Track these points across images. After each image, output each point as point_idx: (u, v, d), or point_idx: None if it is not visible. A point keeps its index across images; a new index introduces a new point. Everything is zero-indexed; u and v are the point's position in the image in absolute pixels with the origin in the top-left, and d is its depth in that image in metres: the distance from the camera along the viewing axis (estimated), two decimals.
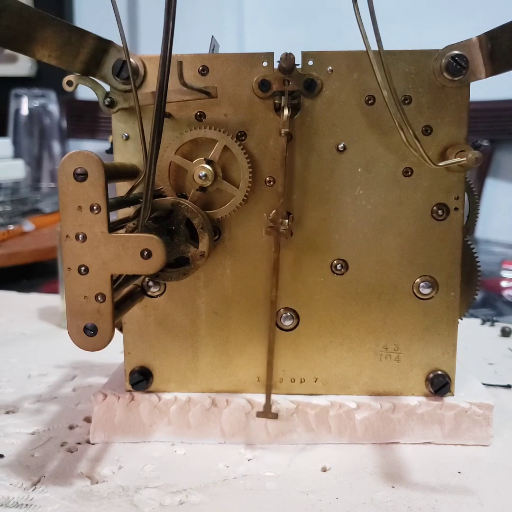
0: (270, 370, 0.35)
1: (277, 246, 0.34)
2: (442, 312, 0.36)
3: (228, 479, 0.33)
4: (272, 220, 0.33)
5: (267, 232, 0.34)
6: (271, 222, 0.33)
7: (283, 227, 0.33)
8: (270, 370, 0.35)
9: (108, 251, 0.29)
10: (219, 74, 0.34)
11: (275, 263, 0.34)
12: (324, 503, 0.31)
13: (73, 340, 0.30)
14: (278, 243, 0.34)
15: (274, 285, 0.34)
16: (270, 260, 0.36)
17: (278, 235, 0.33)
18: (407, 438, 0.36)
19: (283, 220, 0.33)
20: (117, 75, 0.34)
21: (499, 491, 0.32)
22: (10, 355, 0.53)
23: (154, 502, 0.31)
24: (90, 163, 0.28)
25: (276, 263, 0.34)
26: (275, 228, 0.33)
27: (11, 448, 0.36)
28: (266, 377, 0.35)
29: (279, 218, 0.33)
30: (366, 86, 0.34)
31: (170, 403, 0.37)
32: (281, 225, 0.33)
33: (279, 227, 0.33)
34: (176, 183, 0.35)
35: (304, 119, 0.35)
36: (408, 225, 0.35)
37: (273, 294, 0.34)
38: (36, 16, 0.30)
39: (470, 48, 0.33)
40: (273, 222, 0.33)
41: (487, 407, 0.36)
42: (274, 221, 0.33)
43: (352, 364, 0.37)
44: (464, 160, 0.31)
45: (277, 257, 0.34)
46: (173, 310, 0.37)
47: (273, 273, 0.34)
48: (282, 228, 0.33)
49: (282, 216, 0.33)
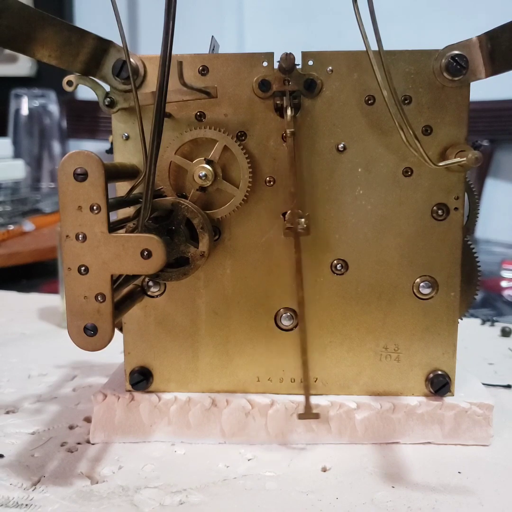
0: (306, 370, 0.34)
1: (297, 246, 0.33)
2: (442, 312, 0.36)
3: (228, 479, 0.33)
4: (288, 221, 0.33)
5: (285, 233, 0.33)
6: (288, 223, 0.33)
7: (300, 226, 0.33)
8: (307, 370, 0.34)
9: (108, 251, 0.29)
10: (219, 74, 0.34)
11: (298, 264, 0.33)
12: (324, 503, 0.31)
13: (73, 340, 0.30)
14: (298, 243, 0.33)
15: (300, 286, 0.33)
16: (270, 260, 0.36)
17: (297, 235, 0.33)
18: (407, 438, 0.36)
19: (299, 219, 0.33)
20: (117, 75, 0.34)
21: (499, 491, 0.32)
22: (10, 355, 0.53)
23: (154, 502, 0.31)
24: (90, 163, 0.28)
25: (299, 264, 0.33)
26: (293, 228, 0.33)
27: (11, 448, 0.36)
28: (303, 377, 0.34)
29: (295, 218, 0.33)
30: (366, 86, 0.34)
31: (170, 403, 0.37)
32: (298, 225, 0.33)
33: (297, 227, 0.33)
34: (176, 183, 0.35)
35: (304, 119, 0.35)
36: (408, 225, 0.35)
37: (300, 295, 0.34)
38: (36, 16, 0.30)
39: (470, 48, 0.33)
40: (290, 223, 0.33)
41: (487, 407, 0.36)
42: (291, 222, 0.33)
43: (352, 364, 0.37)
44: (464, 160, 0.31)
45: (298, 257, 0.33)
46: (173, 310, 0.37)
47: (296, 274, 0.33)
48: (300, 227, 0.33)
49: (298, 215, 0.33)
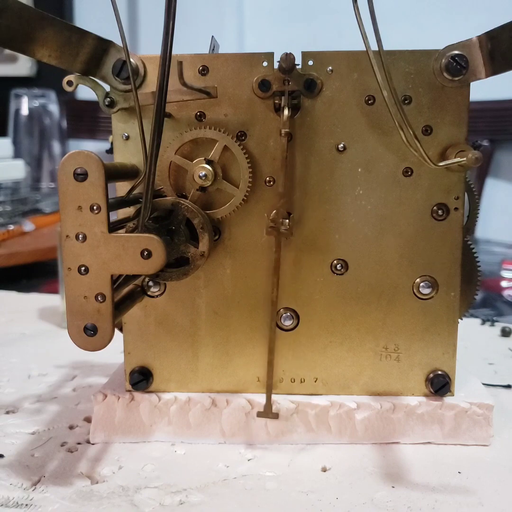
0: (271, 369, 0.35)
1: (278, 246, 0.34)
2: (442, 312, 0.36)
3: (228, 479, 0.33)
4: (272, 220, 0.33)
5: (267, 232, 0.34)
6: (272, 222, 0.33)
7: (283, 227, 0.33)
8: (271, 370, 0.35)
9: (108, 251, 0.29)
10: (219, 74, 0.34)
11: (276, 263, 0.34)
12: (324, 503, 0.31)
13: (73, 340, 0.30)
14: (279, 243, 0.34)
15: (275, 285, 0.34)
16: (270, 260, 0.36)
17: (279, 235, 0.33)
18: (407, 438, 0.36)
19: (284, 220, 0.33)
20: (117, 75, 0.34)
21: (499, 491, 0.32)
22: (10, 355, 0.53)
23: (154, 502, 0.31)
24: (90, 163, 0.28)
25: (277, 263, 0.34)
26: (276, 228, 0.33)
27: (11, 448, 0.36)
28: (267, 376, 0.35)
29: (279, 218, 0.33)
30: (366, 86, 0.34)
31: (170, 403, 0.37)
32: (281, 225, 0.33)
33: (280, 227, 0.33)
34: (176, 183, 0.35)
35: (304, 119, 0.35)
36: (408, 225, 0.35)
37: (274, 294, 0.34)
38: (36, 16, 0.30)
39: (470, 48, 0.33)
40: (273, 222, 0.33)
41: (487, 407, 0.36)
42: (274, 221, 0.33)
43: (352, 364, 0.37)
44: (464, 160, 0.31)
45: (278, 257, 0.34)
46: (173, 310, 0.37)
47: (274, 273, 0.34)
48: (283, 228, 0.33)
49: (282, 216, 0.33)
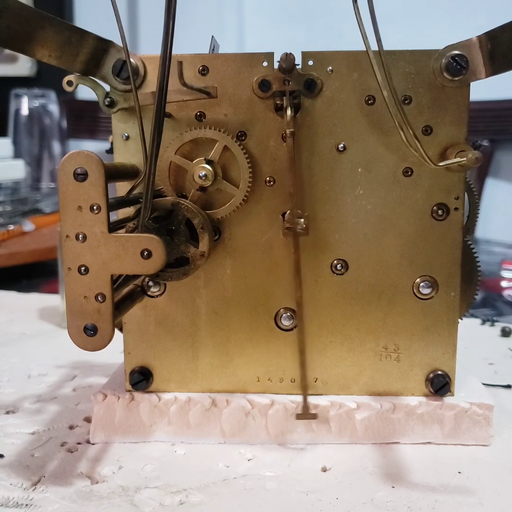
0: (304, 370, 0.34)
1: (296, 247, 0.33)
2: (442, 312, 0.36)
3: (228, 479, 0.33)
4: (287, 221, 0.33)
5: (284, 234, 0.33)
6: (287, 223, 0.33)
7: (299, 226, 0.33)
8: (304, 371, 0.34)
9: (108, 251, 0.29)
10: (219, 74, 0.34)
11: (296, 264, 0.33)
12: (324, 503, 0.31)
13: (73, 340, 0.30)
14: (297, 243, 0.33)
15: (298, 286, 0.33)
16: (270, 260, 0.36)
17: (296, 235, 0.33)
18: (407, 438, 0.36)
19: (299, 219, 0.33)
20: (117, 75, 0.34)
21: (499, 491, 0.32)
22: (10, 355, 0.53)
23: (154, 502, 0.31)
24: (90, 163, 0.28)
25: (297, 264, 0.33)
26: (292, 228, 0.33)
27: (11, 448, 0.36)
28: (301, 377, 0.34)
29: (294, 218, 0.33)
30: (366, 86, 0.34)
31: (170, 403, 0.37)
32: (297, 225, 0.33)
33: (296, 227, 0.33)
34: (176, 183, 0.35)
35: (304, 119, 0.35)
36: (408, 225, 0.35)
37: (298, 295, 0.34)
38: (36, 16, 0.30)
39: (470, 48, 0.33)
40: (289, 223, 0.33)
41: (487, 407, 0.36)
42: (290, 222, 0.33)
43: (352, 364, 0.37)
44: (464, 160, 0.31)
45: (297, 257, 0.33)
46: (173, 310, 0.37)
47: (295, 274, 0.33)
48: (299, 228, 0.33)
49: (297, 215, 0.33)
